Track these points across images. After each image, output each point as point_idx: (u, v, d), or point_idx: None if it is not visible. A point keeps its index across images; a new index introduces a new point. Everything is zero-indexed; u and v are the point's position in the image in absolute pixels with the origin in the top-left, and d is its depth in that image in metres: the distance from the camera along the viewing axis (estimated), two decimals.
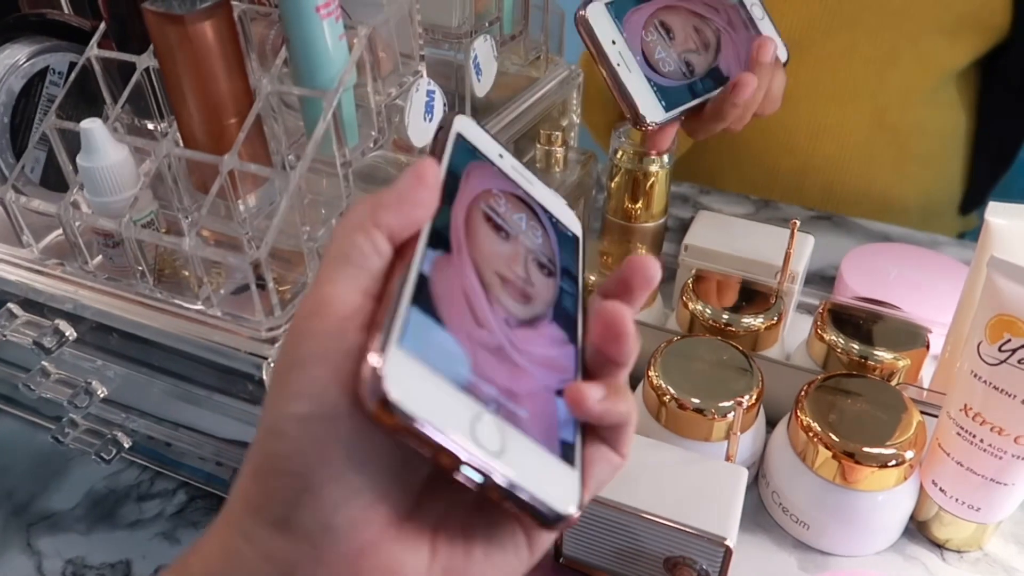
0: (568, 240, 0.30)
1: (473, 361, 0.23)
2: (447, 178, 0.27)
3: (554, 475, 0.23)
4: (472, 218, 0.27)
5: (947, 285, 0.55)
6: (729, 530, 0.39)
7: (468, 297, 0.24)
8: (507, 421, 0.22)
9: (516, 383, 0.24)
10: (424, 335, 0.22)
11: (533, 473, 0.22)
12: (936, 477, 0.45)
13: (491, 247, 0.26)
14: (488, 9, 0.55)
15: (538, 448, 0.23)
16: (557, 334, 0.26)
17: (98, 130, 0.40)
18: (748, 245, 0.56)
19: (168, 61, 0.40)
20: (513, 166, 0.30)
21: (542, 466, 0.22)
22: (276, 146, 0.44)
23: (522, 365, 0.24)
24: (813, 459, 0.44)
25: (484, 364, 0.23)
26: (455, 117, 0.29)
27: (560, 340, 0.26)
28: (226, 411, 0.45)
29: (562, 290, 0.28)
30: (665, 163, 0.58)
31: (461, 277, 0.25)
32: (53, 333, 0.45)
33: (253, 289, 0.39)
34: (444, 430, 0.20)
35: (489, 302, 0.25)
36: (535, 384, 0.24)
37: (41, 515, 0.50)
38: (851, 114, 0.77)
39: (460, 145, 0.28)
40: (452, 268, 0.25)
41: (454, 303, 0.24)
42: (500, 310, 0.25)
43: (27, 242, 0.45)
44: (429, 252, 0.24)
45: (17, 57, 0.45)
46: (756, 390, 0.46)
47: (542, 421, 0.23)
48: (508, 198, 0.29)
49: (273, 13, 0.43)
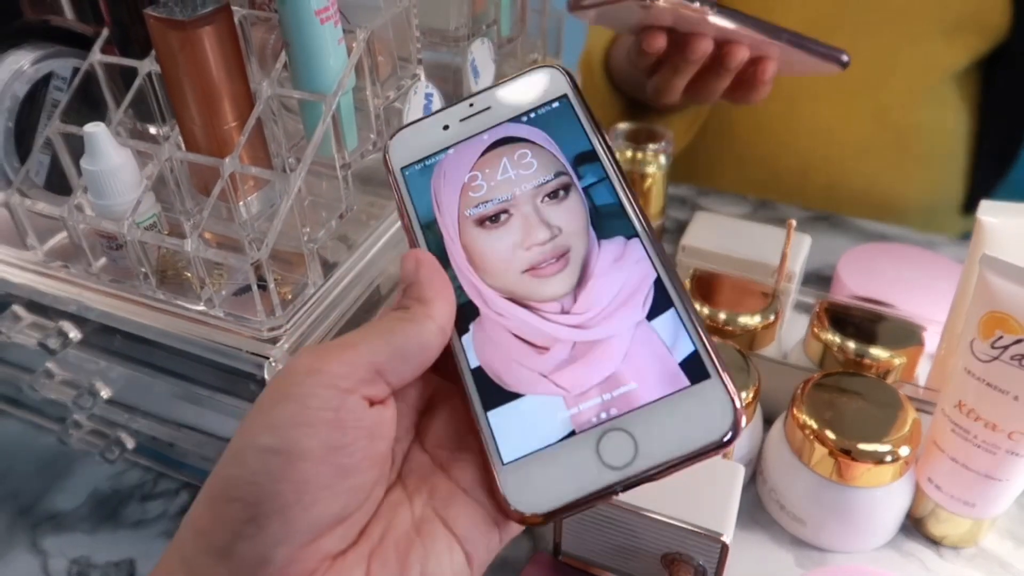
0: (558, 116, 0.28)
1: (564, 395, 0.24)
2: (424, 227, 0.28)
3: (695, 407, 0.23)
4: (470, 242, 0.27)
5: (943, 284, 0.55)
6: (726, 527, 0.39)
7: (519, 335, 0.25)
8: (625, 412, 0.23)
9: (609, 361, 0.24)
10: (513, 428, 0.24)
11: (675, 432, 0.22)
12: (932, 474, 0.45)
13: (503, 248, 0.27)
14: (485, 12, 0.55)
15: (666, 402, 0.23)
16: (614, 250, 0.26)
17: (102, 134, 0.40)
18: (745, 245, 0.57)
19: (170, 66, 0.40)
20: (462, 118, 0.29)
21: (680, 414, 0.23)
22: (276, 149, 0.45)
23: (603, 334, 0.24)
24: (810, 456, 0.45)
25: (572, 383, 0.24)
26: (387, 145, 0.30)
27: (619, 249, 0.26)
28: (228, 411, 0.46)
29: (589, 192, 0.27)
30: (662, 164, 0.58)
31: (501, 322, 0.26)
32: (57, 335, 0.46)
33: (255, 290, 0.40)
34: (577, 496, 0.22)
35: (538, 313, 0.25)
36: (627, 338, 0.24)
37: (46, 515, 0.51)
38: (852, 114, 0.77)
39: (410, 172, 0.29)
40: (490, 323, 0.26)
41: (513, 359, 0.25)
42: (552, 307, 0.25)
43: (31, 244, 0.46)
44: (465, 339, 0.26)
45: (22, 63, 0.45)
46: (753, 388, 0.47)
47: (653, 370, 0.23)
48: (481, 166, 0.28)
49: (273, 18, 0.44)
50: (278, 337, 0.40)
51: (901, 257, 0.62)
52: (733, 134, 0.81)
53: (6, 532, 0.50)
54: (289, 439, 0.22)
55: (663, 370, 0.23)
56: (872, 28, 0.73)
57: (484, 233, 0.27)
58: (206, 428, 0.49)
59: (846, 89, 0.76)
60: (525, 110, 0.29)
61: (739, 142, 0.81)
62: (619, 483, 0.22)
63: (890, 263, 0.61)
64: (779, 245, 0.53)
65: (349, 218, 0.45)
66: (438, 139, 0.29)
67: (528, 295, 0.26)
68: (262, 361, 0.40)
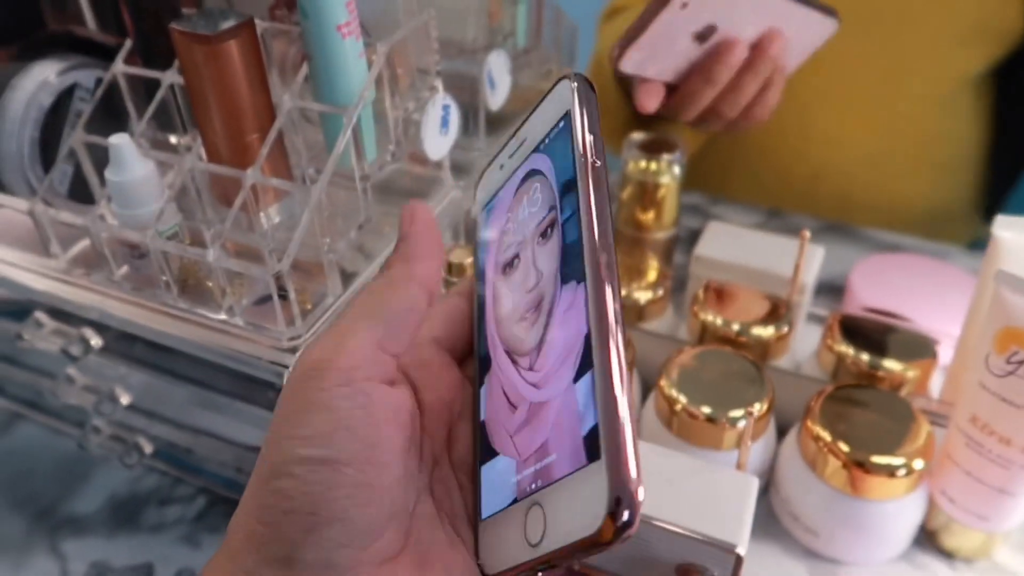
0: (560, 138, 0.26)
1: (516, 459, 0.24)
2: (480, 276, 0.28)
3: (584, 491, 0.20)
4: (496, 290, 0.27)
5: (956, 296, 0.55)
6: (740, 538, 0.39)
7: (505, 390, 0.25)
8: (543, 486, 0.22)
9: (545, 427, 0.23)
10: (491, 484, 0.24)
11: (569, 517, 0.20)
12: (945, 487, 0.45)
13: (512, 296, 0.27)
14: (502, 24, 0.56)
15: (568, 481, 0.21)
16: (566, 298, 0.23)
17: (127, 146, 0.41)
18: (758, 256, 0.57)
19: (194, 78, 0.41)
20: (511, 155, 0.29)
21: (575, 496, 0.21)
22: (297, 160, 0.46)
23: (547, 396, 0.23)
24: (823, 468, 0.45)
25: (522, 447, 0.23)
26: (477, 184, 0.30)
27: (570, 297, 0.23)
28: (246, 418, 0.46)
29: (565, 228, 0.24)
30: (676, 174, 0.59)
31: (499, 376, 0.25)
32: (79, 341, 0.46)
33: (275, 300, 0.40)
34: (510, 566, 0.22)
35: (517, 368, 0.25)
36: (558, 402, 0.23)
37: (65, 519, 0.51)
38: (865, 122, 0.77)
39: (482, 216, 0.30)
40: (495, 377, 0.26)
41: (498, 415, 0.25)
42: (524, 361, 0.25)
43: (55, 252, 0.46)
44: (482, 391, 0.26)
45: (47, 74, 0.46)
46: (767, 400, 0.47)
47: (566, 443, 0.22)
48: (512, 208, 0.28)
49: (294, 31, 0.44)
50: (297, 347, 0.41)
51: (913, 268, 0.62)
52: (745, 141, 0.81)
53: (26, 535, 0.50)
54: (332, 447, 0.22)
55: (572, 445, 0.21)
56: (886, 36, 0.73)
57: (504, 281, 0.27)
58: (224, 435, 0.49)
59: (860, 97, 0.76)
60: (542, 137, 0.27)
61: (751, 149, 0.81)
62: (534, 561, 0.21)
63: (902, 274, 0.61)
64: (792, 256, 0.53)
65: (367, 229, 0.45)
66: (497, 180, 0.30)
67: (516, 347, 0.25)
68: (281, 370, 0.41)
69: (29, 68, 0.46)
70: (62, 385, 0.51)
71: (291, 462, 0.22)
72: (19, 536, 0.50)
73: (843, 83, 0.76)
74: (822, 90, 0.76)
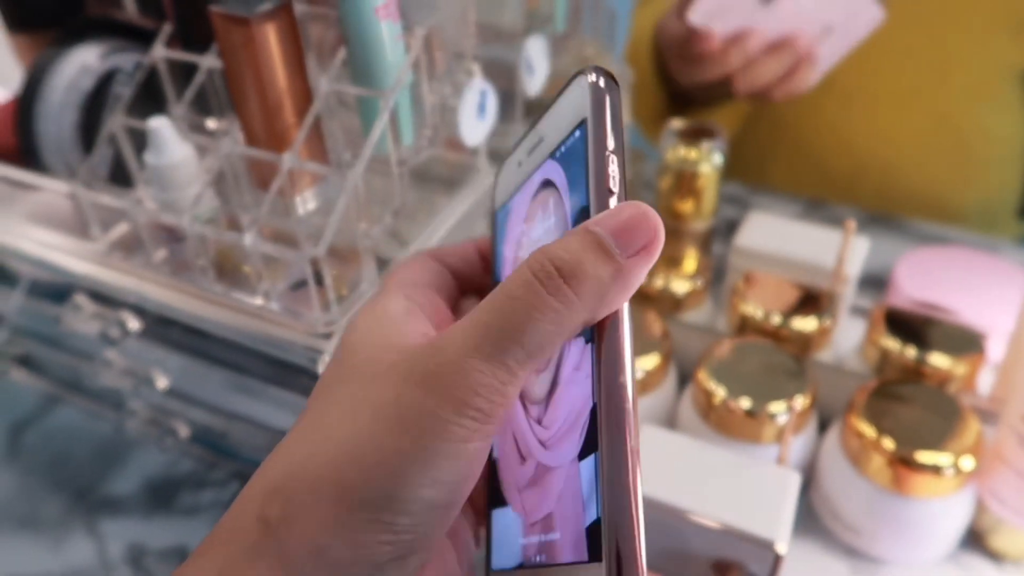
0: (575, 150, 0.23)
1: (524, 519, 0.22)
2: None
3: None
4: None
5: (1006, 289, 0.53)
6: (780, 535, 0.39)
7: (516, 437, 0.24)
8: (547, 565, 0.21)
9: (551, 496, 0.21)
10: (501, 534, 0.23)
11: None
12: (995, 487, 0.44)
13: None
14: (540, 8, 0.55)
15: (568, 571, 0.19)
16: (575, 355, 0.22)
17: (165, 129, 0.41)
18: (799, 247, 0.56)
19: (232, 61, 0.40)
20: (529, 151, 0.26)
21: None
22: (333, 146, 0.45)
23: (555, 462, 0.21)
24: (866, 465, 0.44)
25: (530, 509, 0.22)
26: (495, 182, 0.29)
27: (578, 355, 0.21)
28: (281, 403, 0.46)
29: None
30: (716, 163, 0.57)
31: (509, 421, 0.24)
32: (117, 324, 0.47)
33: (311, 285, 0.40)
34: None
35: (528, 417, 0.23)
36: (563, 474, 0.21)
37: (103, 500, 0.52)
38: (910, 116, 0.75)
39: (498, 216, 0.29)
40: (508, 417, 0.24)
41: (507, 462, 0.24)
42: (534, 412, 0.23)
43: (95, 235, 0.47)
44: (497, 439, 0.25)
45: (87, 58, 0.46)
46: (808, 393, 0.46)
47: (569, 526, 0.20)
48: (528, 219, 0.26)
49: (331, 14, 0.44)
50: (333, 332, 0.41)
51: (961, 261, 0.60)
52: (786, 132, 0.79)
53: (65, 515, 0.51)
54: (457, 493, 0.21)
55: (574, 530, 0.19)
56: (933, 27, 0.71)
57: None
58: (259, 419, 0.49)
59: (904, 90, 0.74)
60: (558, 143, 0.24)
61: (793, 140, 0.80)
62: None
63: (950, 267, 0.59)
64: (834, 247, 0.52)
65: (403, 215, 0.45)
66: (514, 179, 0.28)
67: (527, 392, 0.23)
68: (316, 356, 0.40)
69: (70, 52, 0.46)
70: (100, 368, 0.51)
71: (418, 503, 0.21)
72: (58, 516, 0.51)
73: (887, 76, 0.74)
74: (865, 83, 0.74)
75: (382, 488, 0.21)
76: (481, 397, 0.21)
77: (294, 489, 0.21)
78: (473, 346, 0.21)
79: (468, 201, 0.50)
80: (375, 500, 0.21)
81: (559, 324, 0.20)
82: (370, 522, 0.21)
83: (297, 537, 0.21)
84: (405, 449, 0.21)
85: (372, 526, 0.21)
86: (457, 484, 0.21)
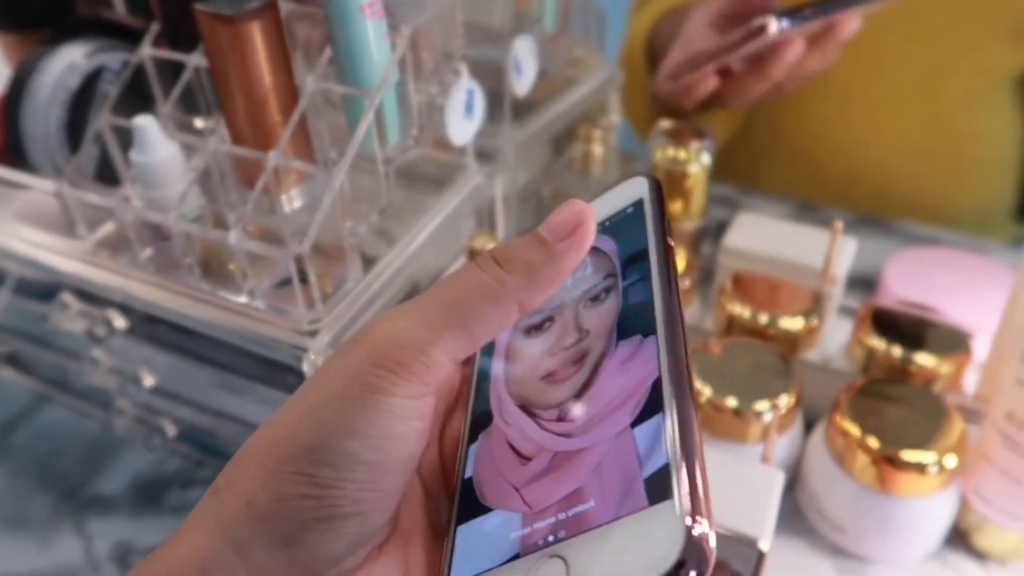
0: (628, 220, 0.27)
1: (525, 512, 0.22)
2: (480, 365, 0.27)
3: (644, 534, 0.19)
4: (512, 352, 0.27)
5: (993, 290, 0.53)
6: (763, 533, 0.39)
7: (513, 444, 0.24)
8: (570, 536, 0.20)
9: (578, 474, 0.22)
10: (475, 544, 0.22)
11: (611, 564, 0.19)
12: (979, 486, 0.44)
13: (533, 355, 0.26)
14: (529, 8, 0.55)
15: (614, 526, 0.20)
16: (627, 350, 0.24)
17: (151, 127, 0.41)
18: (789, 247, 0.56)
19: (217, 59, 0.41)
20: None
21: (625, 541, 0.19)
22: (319, 143, 0.45)
23: (584, 444, 0.22)
24: (851, 464, 0.44)
25: (536, 499, 0.22)
26: None
27: (632, 349, 0.23)
28: (268, 401, 0.46)
29: (627, 292, 0.25)
30: (704, 163, 0.58)
31: (505, 431, 0.24)
32: (104, 323, 0.47)
33: (296, 283, 0.40)
34: None
35: (537, 421, 0.24)
36: (604, 448, 0.22)
37: (90, 499, 0.52)
38: (905, 119, 0.75)
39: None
40: (496, 432, 0.24)
41: (499, 470, 0.24)
42: (551, 414, 0.24)
43: (81, 234, 0.47)
44: (472, 448, 0.25)
45: (74, 56, 0.46)
46: (794, 392, 0.46)
47: (616, 487, 0.20)
48: None
49: (318, 13, 0.44)
50: (318, 330, 0.41)
51: (949, 262, 0.61)
52: (781, 134, 0.79)
53: (52, 514, 0.51)
54: (383, 452, 0.21)
55: (625, 488, 0.20)
56: (928, 32, 0.71)
57: (525, 342, 0.26)
58: (246, 418, 0.49)
59: (900, 94, 0.74)
60: (603, 219, 0.27)
61: (787, 143, 0.80)
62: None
63: (938, 268, 0.59)
64: (823, 248, 0.52)
65: (389, 213, 0.45)
66: None
67: (537, 401, 0.24)
68: (301, 353, 0.40)
69: (57, 50, 0.46)
70: (87, 366, 0.51)
71: (337, 454, 0.21)
72: (45, 515, 0.51)
73: (881, 80, 0.74)
74: (859, 87, 0.74)
75: (304, 440, 0.21)
76: (404, 351, 0.22)
77: (240, 455, 0.23)
78: (407, 311, 0.23)
79: (455, 200, 0.50)
80: (298, 452, 0.21)
81: (491, 297, 0.23)
82: (293, 474, 0.21)
83: (233, 494, 0.22)
84: (327, 400, 0.22)
85: (295, 478, 0.21)
86: (381, 441, 0.21)
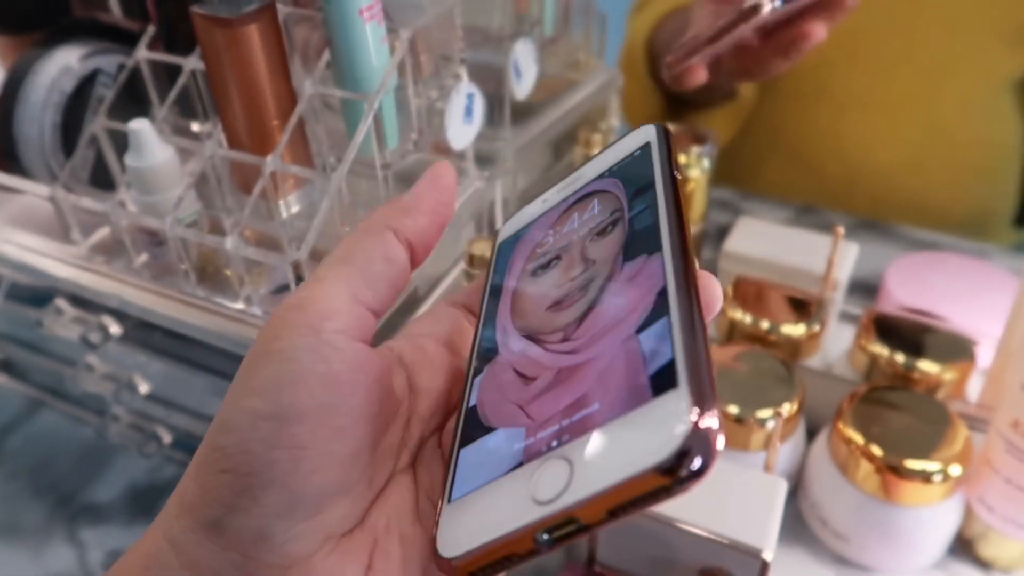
0: (635, 162, 0.28)
1: (529, 425, 0.22)
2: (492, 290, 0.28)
3: (648, 425, 0.19)
4: (519, 292, 0.27)
5: (997, 296, 0.53)
6: (766, 542, 0.38)
7: (519, 369, 0.24)
8: (574, 438, 0.20)
9: (582, 383, 0.22)
10: (475, 464, 0.22)
11: (616, 458, 0.19)
12: (983, 494, 0.44)
13: (541, 290, 0.26)
14: (529, 11, 0.55)
15: (619, 422, 0.19)
16: (632, 269, 0.24)
17: (146, 131, 0.40)
18: (789, 252, 0.55)
19: (214, 62, 0.40)
20: (561, 189, 0.30)
21: (629, 435, 0.19)
22: (317, 148, 0.45)
23: (588, 356, 0.22)
24: (854, 472, 0.43)
25: (540, 411, 0.22)
26: (497, 231, 0.31)
27: (637, 268, 0.24)
28: None
29: (632, 221, 0.25)
30: (705, 167, 0.57)
31: (510, 359, 0.25)
32: (98, 329, 0.46)
33: (293, 289, 0.39)
34: (492, 538, 0.19)
35: (543, 345, 0.24)
36: (609, 356, 0.22)
37: (84, 507, 0.51)
38: (904, 124, 0.75)
39: (503, 244, 0.30)
40: (501, 362, 0.25)
41: (503, 393, 0.24)
42: (556, 336, 0.24)
43: (76, 239, 0.46)
44: (477, 380, 0.25)
45: (69, 59, 0.46)
46: (796, 400, 0.45)
47: (621, 387, 0.20)
48: (556, 225, 0.28)
49: (316, 16, 0.44)
50: None
51: (952, 267, 0.60)
52: (781, 138, 0.79)
53: (45, 523, 0.50)
54: (281, 401, 0.20)
55: (630, 386, 0.20)
56: (928, 36, 0.71)
57: (533, 281, 0.27)
58: None
59: (899, 98, 0.74)
60: (610, 166, 0.28)
61: (785, 147, 0.79)
62: (538, 525, 0.19)
63: (940, 273, 0.59)
64: (824, 253, 0.51)
65: None
66: (534, 212, 0.30)
67: (543, 329, 0.24)
68: None
69: (52, 53, 0.46)
70: (82, 373, 0.50)
71: (237, 413, 0.20)
72: (39, 523, 0.50)
73: (881, 84, 0.74)
74: (859, 91, 0.73)
75: (217, 418, 0.21)
76: (294, 300, 0.22)
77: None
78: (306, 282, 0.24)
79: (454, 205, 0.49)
80: (213, 430, 0.21)
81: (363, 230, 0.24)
82: (211, 453, 0.20)
83: (174, 493, 0.22)
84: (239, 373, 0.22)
85: (212, 456, 0.20)
86: (276, 393, 0.20)
